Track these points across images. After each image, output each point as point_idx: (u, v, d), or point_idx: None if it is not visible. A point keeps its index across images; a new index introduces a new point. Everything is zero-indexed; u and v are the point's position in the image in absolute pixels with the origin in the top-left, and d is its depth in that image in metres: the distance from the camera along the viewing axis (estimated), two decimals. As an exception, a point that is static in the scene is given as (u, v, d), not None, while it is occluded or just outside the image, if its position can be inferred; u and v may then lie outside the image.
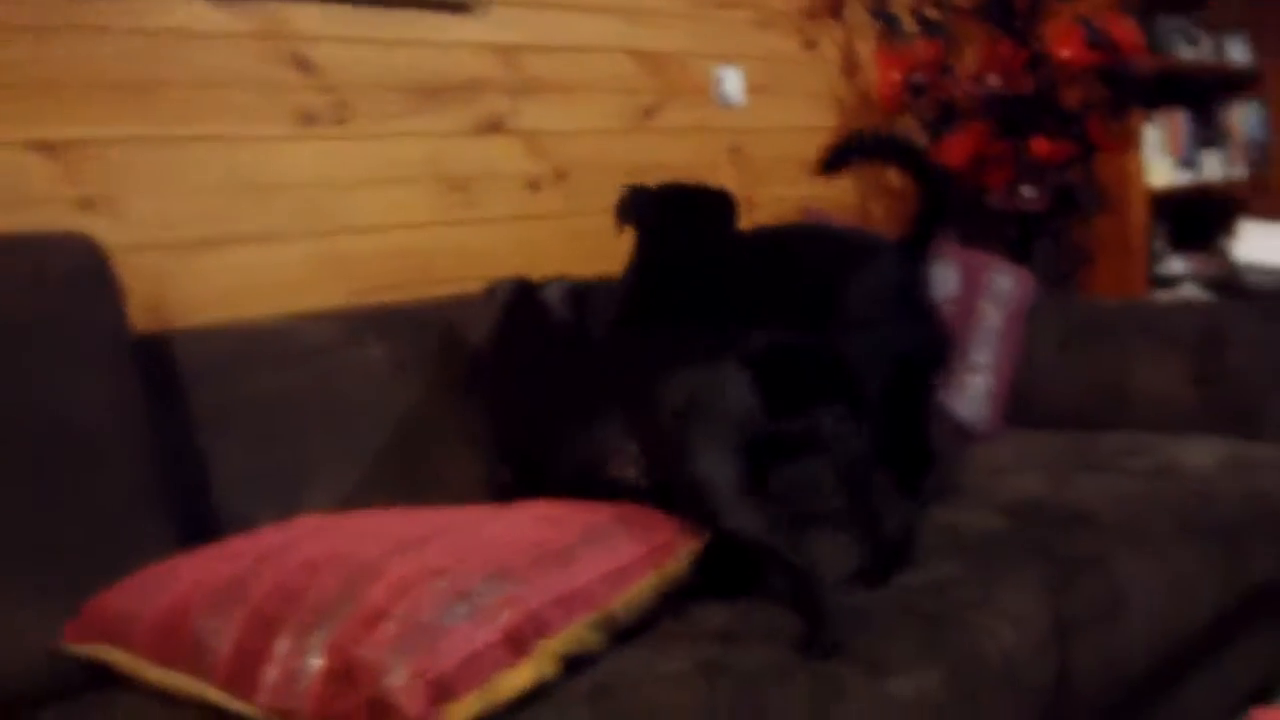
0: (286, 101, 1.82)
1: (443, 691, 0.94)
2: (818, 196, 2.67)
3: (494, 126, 2.09)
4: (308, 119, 1.84)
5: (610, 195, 1.73)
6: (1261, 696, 1.93)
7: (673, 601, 1.26)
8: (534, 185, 2.15)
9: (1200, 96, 3.40)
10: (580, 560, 1.13)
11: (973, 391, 2.12)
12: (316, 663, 0.98)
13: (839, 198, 2.76)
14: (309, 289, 1.85)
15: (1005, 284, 2.23)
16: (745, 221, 2.52)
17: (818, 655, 1.16)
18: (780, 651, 1.17)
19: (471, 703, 0.96)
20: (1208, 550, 1.64)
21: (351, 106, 1.90)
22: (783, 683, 1.13)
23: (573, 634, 1.08)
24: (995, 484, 1.72)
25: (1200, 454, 1.82)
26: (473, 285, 2.05)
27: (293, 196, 1.83)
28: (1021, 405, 2.18)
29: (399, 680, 0.93)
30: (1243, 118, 3.52)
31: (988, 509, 1.60)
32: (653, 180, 1.75)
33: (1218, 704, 1.77)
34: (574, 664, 1.11)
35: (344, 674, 0.95)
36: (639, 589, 1.18)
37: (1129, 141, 2.85)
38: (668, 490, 1.30)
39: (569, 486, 1.38)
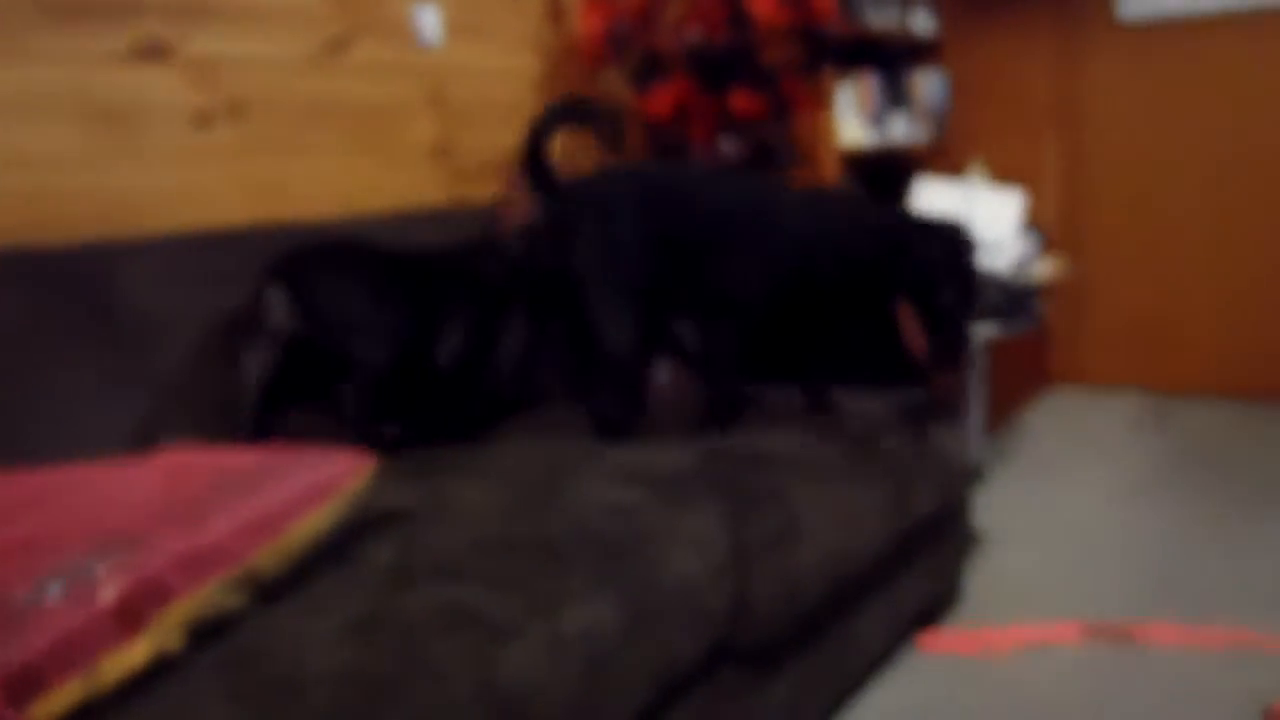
0: (-117, 8, 1.55)
1: (27, 685, 0.81)
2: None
3: (154, 52, 1.88)
4: (-88, 31, 1.58)
5: (294, 134, 1.59)
6: (926, 620, 2.08)
7: (337, 544, 1.17)
8: (203, 121, 1.96)
9: (888, 62, 3.60)
10: (214, 514, 1.02)
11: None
12: None
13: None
14: (-80, 229, 1.60)
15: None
16: (445, 168, 2.45)
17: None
18: (450, 588, 1.12)
19: (69, 692, 0.84)
20: (876, 487, 1.73)
21: (-30, 20, 1.65)
22: (446, 632, 1.07)
23: (202, 599, 0.97)
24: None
25: (875, 402, 1.93)
26: (127, 230, 1.85)
27: (-106, 121, 1.57)
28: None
29: (-32, 674, 0.79)
30: (925, 84, 3.77)
31: (679, 449, 1.63)
32: (341, 118, 1.63)
33: (887, 629, 1.88)
34: (213, 631, 1.01)
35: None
36: (290, 538, 1.08)
37: (823, 100, 2.97)
38: None
39: None
